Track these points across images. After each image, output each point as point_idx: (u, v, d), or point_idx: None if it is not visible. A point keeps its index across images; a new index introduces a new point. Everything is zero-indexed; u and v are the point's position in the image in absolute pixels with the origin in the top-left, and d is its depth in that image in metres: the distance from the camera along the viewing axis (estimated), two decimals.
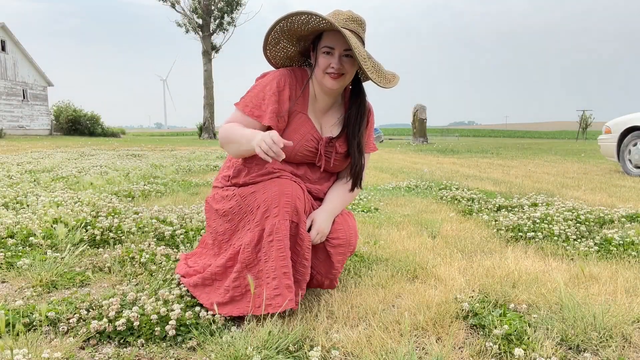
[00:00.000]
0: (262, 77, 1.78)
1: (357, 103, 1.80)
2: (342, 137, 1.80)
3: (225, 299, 1.62)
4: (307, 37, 1.74)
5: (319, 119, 1.81)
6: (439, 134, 47.60)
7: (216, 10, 27.80)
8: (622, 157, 6.92)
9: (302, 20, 1.62)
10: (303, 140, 1.74)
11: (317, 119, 1.80)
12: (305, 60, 1.89)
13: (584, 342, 1.48)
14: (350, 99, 1.83)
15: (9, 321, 1.51)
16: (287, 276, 1.55)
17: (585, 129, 33.77)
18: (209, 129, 28.41)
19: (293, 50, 1.80)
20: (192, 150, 12.52)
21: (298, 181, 1.70)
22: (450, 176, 6.31)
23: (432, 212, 3.68)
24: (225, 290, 1.63)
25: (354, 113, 1.79)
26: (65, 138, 25.39)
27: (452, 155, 11.80)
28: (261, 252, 1.59)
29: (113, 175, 5.50)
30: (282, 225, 1.57)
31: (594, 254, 2.45)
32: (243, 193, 1.69)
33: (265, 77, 1.77)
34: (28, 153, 10.27)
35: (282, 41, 1.74)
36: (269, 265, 1.56)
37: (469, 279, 2.05)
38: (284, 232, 1.57)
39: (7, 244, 2.44)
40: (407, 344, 1.43)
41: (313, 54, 1.75)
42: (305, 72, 1.79)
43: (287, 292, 1.54)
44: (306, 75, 1.78)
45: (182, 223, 2.87)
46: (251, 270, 1.60)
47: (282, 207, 1.58)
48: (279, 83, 1.72)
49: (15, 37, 29.63)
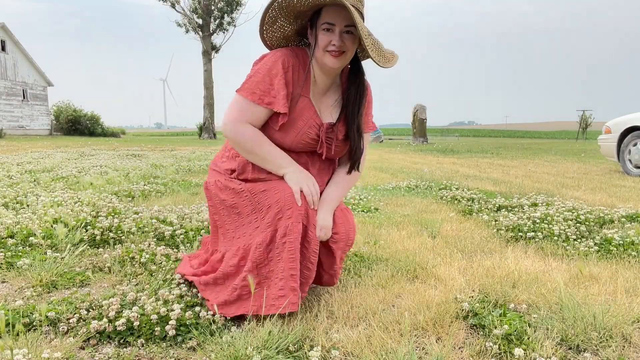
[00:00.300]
0: (260, 59, 1.68)
1: (356, 83, 1.71)
2: (341, 121, 1.72)
3: (233, 297, 1.62)
4: (305, 14, 1.63)
5: (318, 102, 1.72)
6: (439, 134, 47.60)
7: (216, 10, 27.79)
8: (622, 157, 6.92)
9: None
10: (305, 127, 1.67)
11: (316, 103, 1.71)
12: (301, 40, 1.78)
13: (584, 342, 1.48)
14: (348, 79, 1.74)
15: (9, 321, 1.51)
16: (294, 279, 1.55)
17: (585, 129, 33.77)
18: (209, 129, 28.41)
19: (290, 29, 1.69)
20: (192, 150, 12.52)
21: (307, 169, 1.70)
22: (450, 176, 6.31)
23: (432, 212, 3.68)
24: (233, 289, 1.62)
25: (353, 93, 1.70)
26: (65, 138, 25.40)
27: (452, 155, 11.80)
28: (273, 252, 1.59)
29: (113, 175, 5.50)
30: (295, 228, 1.57)
31: (594, 254, 2.45)
32: (253, 190, 1.65)
33: (264, 59, 1.66)
34: (28, 153, 10.27)
35: (279, 19, 1.64)
36: (280, 266, 1.56)
37: (469, 279, 2.05)
38: (296, 235, 1.57)
39: (7, 244, 2.44)
40: (407, 344, 1.43)
41: (311, 32, 1.64)
42: (306, 52, 1.69)
43: (292, 294, 1.54)
44: (307, 55, 1.68)
45: (182, 223, 2.87)
46: (261, 270, 1.59)
47: (296, 209, 1.58)
48: (283, 64, 1.61)
49: (15, 37, 29.63)
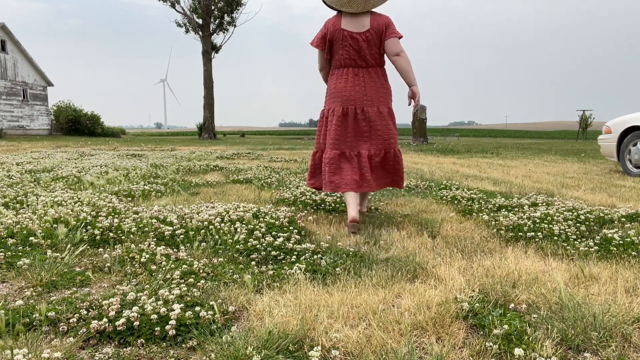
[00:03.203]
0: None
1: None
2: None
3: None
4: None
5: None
6: (439, 134, 47.60)
7: (216, 10, 27.78)
8: (622, 157, 6.92)
9: None
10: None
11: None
12: None
13: (584, 342, 1.48)
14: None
15: (9, 321, 1.51)
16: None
17: (585, 129, 33.75)
18: (209, 129, 28.39)
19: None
20: (192, 150, 12.52)
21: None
22: (450, 176, 6.32)
23: (432, 212, 3.69)
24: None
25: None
26: (65, 138, 25.39)
27: (452, 155, 11.80)
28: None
29: (113, 175, 5.50)
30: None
31: (594, 254, 2.45)
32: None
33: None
34: (28, 153, 10.27)
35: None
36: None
37: (469, 279, 2.05)
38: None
39: (7, 244, 2.45)
40: (407, 344, 1.43)
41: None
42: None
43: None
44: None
45: (182, 223, 2.87)
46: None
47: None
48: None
49: (15, 37, 29.64)
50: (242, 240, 2.53)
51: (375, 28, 3.04)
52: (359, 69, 3.11)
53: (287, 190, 4.43)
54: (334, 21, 3.11)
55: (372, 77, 3.12)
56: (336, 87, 3.14)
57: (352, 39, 3.05)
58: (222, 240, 2.57)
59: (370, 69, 3.12)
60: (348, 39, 3.06)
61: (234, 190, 4.72)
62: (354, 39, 3.05)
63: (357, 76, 3.11)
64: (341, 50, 3.10)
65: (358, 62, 3.10)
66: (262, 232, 2.67)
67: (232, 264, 2.27)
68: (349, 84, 3.11)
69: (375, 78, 3.13)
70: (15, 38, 29.66)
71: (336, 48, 3.12)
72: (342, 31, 3.06)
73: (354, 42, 3.05)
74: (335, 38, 3.09)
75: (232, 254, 2.40)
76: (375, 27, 3.04)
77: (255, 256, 2.36)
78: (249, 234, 2.65)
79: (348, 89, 3.10)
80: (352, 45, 3.06)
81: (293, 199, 3.95)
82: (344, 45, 3.08)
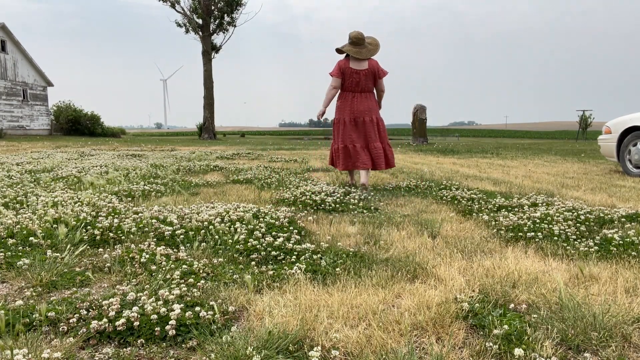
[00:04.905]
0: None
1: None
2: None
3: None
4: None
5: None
6: (439, 134, 47.57)
7: (216, 10, 27.76)
8: (622, 157, 6.91)
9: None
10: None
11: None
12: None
13: (584, 342, 1.48)
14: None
15: (9, 321, 1.51)
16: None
17: (585, 129, 33.72)
18: (209, 129, 28.38)
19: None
20: (192, 151, 12.52)
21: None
22: (450, 176, 6.32)
23: (432, 212, 3.69)
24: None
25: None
26: (65, 138, 25.39)
27: (452, 155, 11.79)
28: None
29: (113, 175, 5.50)
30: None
31: (594, 254, 2.45)
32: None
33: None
34: (28, 153, 10.27)
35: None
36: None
37: (469, 279, 2.05)
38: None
39: (7, 244, 2.45)
40: (407, 344, 1.43)
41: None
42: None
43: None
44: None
45: (182, 223, 2.87)
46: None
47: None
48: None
49: (16, 37, 29.62)
50: (242, 241, 2.53)
51: (371, 68, 4.83)
52: (360, 93, 4.87)
53: (287, 191, 4.44)
54: (345, 62, 4.82)
55: (367, 98, 4.90)
56: (344, 104, 4.89)
57: (356, 74, 4.79)
58: (222, 241, 2.57)
59: (365, 93, 4.89)
60: (354, 74, 4.79)
61: (234, 191, 4.72)
62: (357, 74, 4.79)
63: (357, 97, 4.87)
64: (348, 81, 4.81)
65: (358, 89, 4.85)
66: (262, 232, 2.67)
67: (232, 264, 2.28)
68: (354, 102, 4.86)
69: (369, 98, 4.92)
70: (15, 38, 29.64)
71: (345, 78, 4.82)
72: (350, 69, 4.79)
73: (357, 76, 4.80)
74: (346, 72, 4.80)
75: (232, 254, 2.40)
76: (370, 67, 4.82)
77: (255, 256, 2.36)
78: (249, 234, 2.66)
79: (354, 105, 4.86)
80: (355, 78, 4.80)
81: (293, 199, 3.95)
82: (351, 77, 4.80)
